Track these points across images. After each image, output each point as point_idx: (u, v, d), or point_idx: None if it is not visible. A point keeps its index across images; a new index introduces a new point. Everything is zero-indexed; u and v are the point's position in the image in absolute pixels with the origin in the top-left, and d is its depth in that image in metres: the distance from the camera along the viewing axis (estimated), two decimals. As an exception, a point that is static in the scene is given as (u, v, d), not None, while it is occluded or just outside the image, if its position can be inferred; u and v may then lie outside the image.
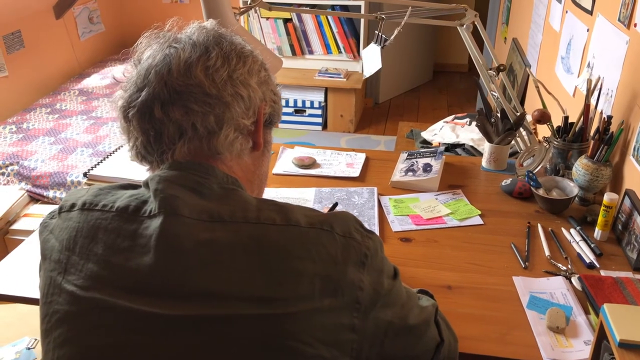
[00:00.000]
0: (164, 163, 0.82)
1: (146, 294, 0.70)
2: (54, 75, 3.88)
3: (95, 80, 3.84)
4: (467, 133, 2.53)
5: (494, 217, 1.48)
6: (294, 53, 4.18)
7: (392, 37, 1.33)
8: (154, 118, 0.79)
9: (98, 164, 1.71)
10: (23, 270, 1.32)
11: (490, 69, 1.54)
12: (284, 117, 4.16)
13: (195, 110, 0.78)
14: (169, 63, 0.80)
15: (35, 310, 1.82)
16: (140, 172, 1.62)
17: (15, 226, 2.45)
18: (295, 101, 4.10)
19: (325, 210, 1.29)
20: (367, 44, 4.28)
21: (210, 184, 0.79)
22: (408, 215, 1.48)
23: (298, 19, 4.09)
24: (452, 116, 2.73)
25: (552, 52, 2.34)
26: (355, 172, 1.69)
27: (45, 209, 2.56)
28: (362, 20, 4.07)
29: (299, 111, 4.13)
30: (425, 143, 2.64)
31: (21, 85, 3.56)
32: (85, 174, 1.67)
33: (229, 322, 0.68)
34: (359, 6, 3.99)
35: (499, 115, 1.68)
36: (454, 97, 4.84)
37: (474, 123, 2.62)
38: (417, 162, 1.70)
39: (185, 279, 0.70)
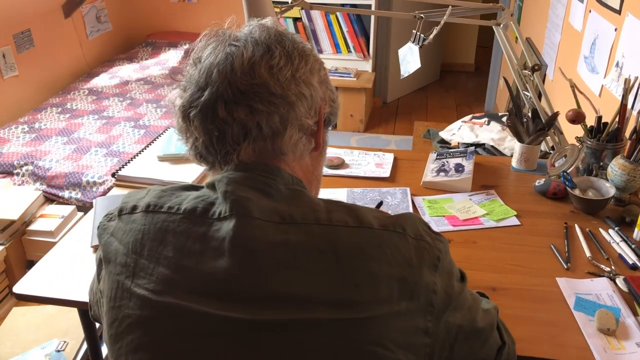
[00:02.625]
0: (228, 164, 0.80)
1: (223, 298, 0.69)
2: (63, 75, 3.85)
3: (104, 80, 3.81)
4: (487, 133, 2.52)
5: (529, 218, 1.47)
6: (303, 52, 4.16)
7: (432, 36, 1.31)
8: (217, 118, 0.78)
9: (125, 164, 1.69)
10: (55, 271, 1.30)
11: (525, 69, 1.53)
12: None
13: (260, 109, 0.77)
14: (231, 62, 0.78)
15: (62, 311, 1.80)
16: (167, 172, 1.62)
17: (32, 227, 2.43)
18: (305, 101, 4.08)
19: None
20: (376, 43, 4.27)
21: (277, 185, 0.78)
22: (444, 216, 1.47)
23: (307, 18, 4.08)
24: (470, 116, 2.72)
25: (573, 51, 2.33)
26: (386, 173, 1.68)
27: (60, 210, 2.54)
28: (372, 20, 4.06)
29: (308, 111, 4.11)
30: (443, 143, 2.64)
31: (31, 85, 3.53)
32: (113, 175, 1.66)
33: (309, 327, 0.67)
34: (369, 5, 3.98)
35: (529, 115, 1.67)
36: (462, 97, 4.83)
37: (492, 122, 2.62)
38: (447, 162, 1.69)
39: (262, 283, 0.69)
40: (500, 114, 2.67)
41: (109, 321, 0.75)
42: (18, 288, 1.25)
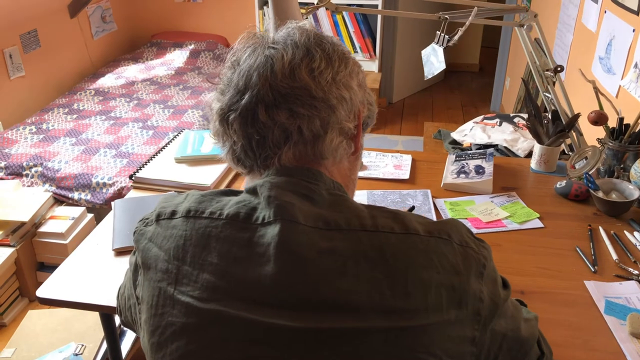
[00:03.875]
0: (268, 168, 0.79)
1: (270, 305, 0.68)
2: (69, 75, 3.84)
3: (109, 80, 3.80)
4: (499, 134, 2.51)
5: (552, 220, 1.46)
6: (309, 52, 4.14)
7: (456, 37, 1.30)
8: (258, 122, 0.76)
9: (142, 166, 1.68)
10: (76, 275, 1.29)
11: (547, 70, 1.52)
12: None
13: (301, 113, 0.75)
14: (272, 65, 0.77)
15: (78, 314, 1.79)
16: (185, 175, 1.60)
17: (42, 228, 2.41)
18: (311, 101, 4.06)
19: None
20: (383, 43, 4.26)
21: (320, 190, 0.77)
22: (467, 218, 1.46)
23: (314, 18, 4.06)
24: (481, 116, 2.71)
25: (586, 52, 2.33)
26: (405, 174, 1.67)
27: (71, 211, 2.53)
28: (379, 20, 4.05)
29: (314, 111, 4.10)
30: (455, 144, 2.63)
31: (37, 85, 3.51)
32: (131, 177, 1.64)
33: (359, 335, 0.66)
34: (376, 5, 3.97)
35: (549, 116, 1.66)
36: (467, 97, 4.82)
37: (504, 123, 2.61)
38: (467, 163, 1.68)
39: (311, 291, 0.67)
40: (511, 114, 2.67)
41: (151, 329, 0.74)
42: (41, 292, 1.24)
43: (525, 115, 2.65)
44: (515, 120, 2.62)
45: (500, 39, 4.28)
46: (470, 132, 2.58)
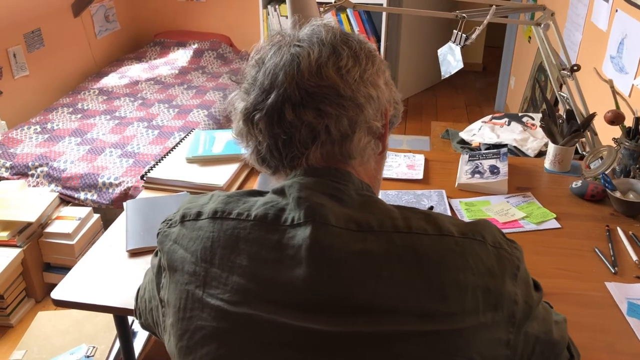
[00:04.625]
0: (295, 168, 0.78)
1: (303, 308, 0.66)
2: (73, 74, 3.82)
3: (113, 80, 3.78)
4: (508, 133, 2.50)
5: (569, 220, 1.45)
6: (313, 52, 4.13)
7: (474, 35, 1.29)
8: (284, 121, 0.75)
9: (153, 167, 1.66)
10: (90, 277, 1.27)
11: (564, 69, 1.51)
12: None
13: (329, 112, 0.74)
14: (298, 63, 0.75)
15: (89, 316, 1.78)
16: (197, 175, 1.59)
17: (49, 229, 2.40)
18: (316, 100, 4.05)
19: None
20: (387, 42, 4.25)
21: (349, 190, 0.75)
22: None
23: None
24: (490, 116, 2.70)
25: (596, 51, 2.31)
26: (419, 174, 1.65)
27: (77, 211, 2.51)
28: (384, 19, 4.04)
29: (318, 110, 4.08)
30: (464, 143, 2.61)
31: (41, 85, 3.50)
32: (142, 177, 1.63)
33: (395, 340, 0.65)
34: (381, 4, 3.95)
35: (563, 116, 1.65)
36: (471, 96, 4.81)
37: (513, 123, 2.60)
38: (481, 163, 1.66)
39: (345, 294, 0.66)
40: (520, 114, 2.65)
41: (179, 333, 0.72)
42: (56, 294, 1.22)
43: (534, 115, 2.64)
44: (524, 119, 2.61)
45: (505, 38, 4.27)
46: (479, 132, 2.56)
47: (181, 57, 4.18)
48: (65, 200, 2.65)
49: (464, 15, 1.30)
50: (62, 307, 1.22)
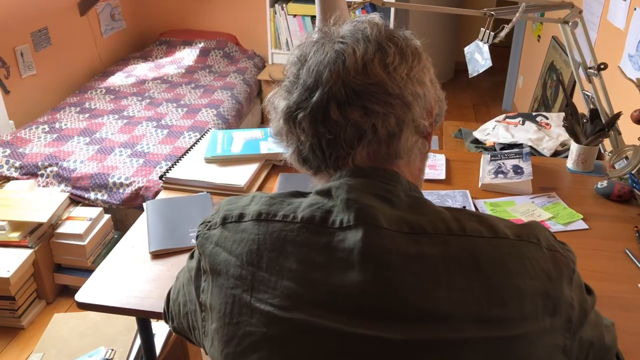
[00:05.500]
0: (339, 168, 0.76)
1: (358, 314, 0.64)
2: (79, 73, 3.79)
3: (120, 79, 3.75)
4: (523, 133, 2.48)
5: (596, 221, 1.43)
6: (321, 51, 4.10)
7: (502, 33, 1.27)
8: (329, 120, 0.73)
9: (171, 167, 1.64)
10: (113, 279, 1.25)
11: (590, 68, 1.49)
12: (310, 116, 4.09)
13: (375, 111, 0.72)
14: (343, 60, 0.73)
15: (106, 319, 1.75)
16: (216, 175, 1.56)
17: (60, 230, 2.37)
18: (323, 100, 4.02)
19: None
20: (395, 41, 4.22)
21: (398, 192, 0.73)
22: (509, 219, 1.42)
23: (325, 16, 4.03)
24: (503, 115, 2.68)
25: (613, 50, 2.29)
26: (441, 174, 1.63)
27: (88, 212, 2.49)
28: (392, 16, 4.02)
29: (326, 110, 4.06)
30: (477, 143, 2.59)
31: (48, 84, 3.47)
32: (161, 177, 1.60)
33: (454, 346, 0.62)
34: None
35: (587, 115, 1.63)
36: (478, 96, 4.79)
37: (527, 122, 2.58)
38: (504, 163, 1.64)
39: (402, 299, 0.64)
40: (534, 113, 2.63)
41: (225, 338, 0.70)
42: (80, 297, 1.20)
43: (548, 114, 2.62)
44: (538, 119, 2.59)
45: (513, 37, 4.25)
46: (493, 131, 2.54)
47: (187, 56, 4.16)
48: (75, 200, 2.62)
49: (492, 12, 1.28)
50: (85, 309, 1.20)
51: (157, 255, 1.32)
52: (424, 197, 0.76)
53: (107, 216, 2.53)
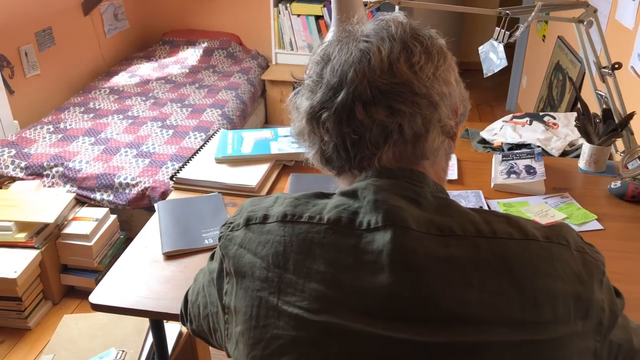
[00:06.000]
0: (365, 169, 0.75)
1: (388, 317, 0.63)
2: (82, 73, 3.78)
3: (123, 79, 3.74)
4: (530, 133, 2.47)
5: (611, 222, 1.42)
6: (324, 51, 4.10)
7: (517, 33, 1.26)
8: (355, 120, 0.72)
9: (182, 167, 1.63)
10: (127, 280, 1.24)
11: (604, 67, 1.48)
12: (314, 116, 4.08)
13: (402, 110, 0.71)
14: (368, 59, 0.72)
15: (116, 320, 1.74)
16: (227, 175, 1.56)
17: (66, 230, 2.36)
18: (327, 100, 4.01)
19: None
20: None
21: (425, 193, 0.72)
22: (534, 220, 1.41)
23: (329, 15, 4.02)
24: (510, 115, 2.67)
25: (622, 49, 2.29)
26: (453, 175, 1.62)
27: (94, 212, 2.48)
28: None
29: (330, 110, 4.05)
30: (485, 143, 2.59)
31: (52, 84, 3.46)
32: (171, 178, 1.60)
33: (487, 350, 0.61)
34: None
35: (600, 115, 1.62)
36: (481, 96, 4.79)
37: (534, 122, 2.57)
38: (516, 163, 1.64)
39: (433, 302, 0.63)
40: (541, 113, 2.63)
41: (251, 341, 0.69)
42: (94, 298, 1.19)
43: (555, 114, 2.61)
44: (545, 119, 2.58)
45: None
46: (501, 131, 2.54)
47: (191, 56, 4.15)
48: (80, 201, 2.61)
49: (507, 12, 1.27)
50: (100, 311, 1.19)
51: (170, 256, 1.31)
52: (450, 198, 0.75)
53: (113, 216, 2.52)
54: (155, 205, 1.48)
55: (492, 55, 1.36)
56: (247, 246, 0.74)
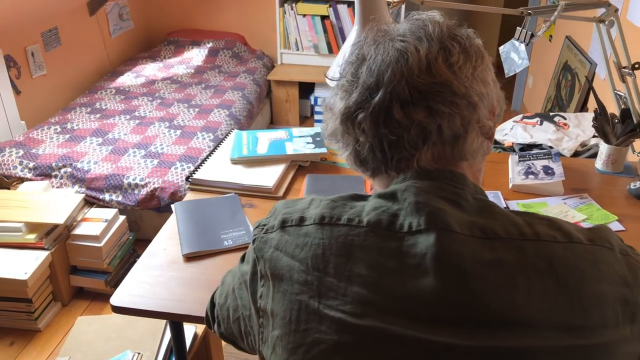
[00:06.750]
0: (402, 170, 0.74)
1: (435, 321, 0.62)
2: (88, 74, 3.77)
3: (129, 79, 3.73)
4: (541, 133, 2.46)
5: (632, 223, 1.41)
6: (330, 50, 4.09)
7: (540, 32, 1.25)
8: (392, 121, 0.71)
9: (197, 168, 1.62)
10: (147, 282, 1.23)
11: (624, 68, 1.47)
12: (320, 117, 4.08)
13: (441, 111, 0.70)
14: (406, 59, 0.71)
15: (130, 321, 1.73)
16: (243, 176, 1.55)
17: (75, 231, 2.35)
18: (333, 100, 4.00)
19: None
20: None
21: (466, 194, 0.71)
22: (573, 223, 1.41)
23: (335, 15, 4.01)
24: (520, 115, 2.66)
25: (634, 49, 2.28)
26: (470, 175, 1.61)
27: (103, 213, 2.46)
28: (402, 17, 4.00)
29: (335, 110, 4.04)
30: (495, 143, 2.57)
31: (58, 84, 3.45)
32: (187, 179, 1.59)
33: (536, 355, 0.61)
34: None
35: (618, 115, 1.61)
36: (486, 96, 4.77)
37: (545, 122, 2.56)
38: (533, 164, 1.63)
39: (479, 306, 0.62)
40: (551, 113, 2.62)
41: (290, 346, 0.68)
42: (115, 300, 1.18)
43: (566, 114, 2.60)
44: (556, 119, 2.57)
45: (523, 37, 4.23)
46: (511, 132, 2.52)
47: (196, 56, 4.14)
48: (89, 201, 2.60)
49: (529, 12, 1.26)
50: (120, 313, 1.18)
51: (189, 257, 1.30)
52: (489, 200, 0.74)
53: (122, 217, 2.51)
54: (172, 206, 1.47)
55: (514, 55, 1.35)
56: (283, 249, 0.73)
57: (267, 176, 1.57)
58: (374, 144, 0.73)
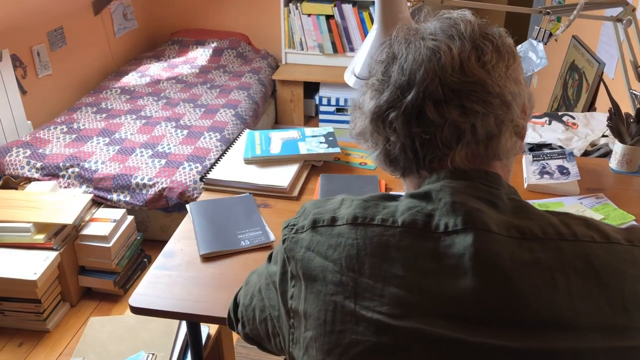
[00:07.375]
0: (435, 170, 0.73)
1: (474, 322, 0.62)
2: (93, 73, 3.76)
3: (134, 79, 3.72)
4: (551, 132, 2.46)
5: (649, 223, 1.41)
6: (335, 50, 4.09)
7: (559, 32, 1.25)
8: (425, 120, 0.70)
9: (211, 168, 1.61)
10: (164, 283, 1.22)
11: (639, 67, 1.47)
12: (324, 116, 4.07)
13: (475, 110, 0.69)
14: (438, 58, 0.71)
15: (143, 322, 1.72)
16: (257, 176, 1.54)
17: (84, 231, 2.34)
18: (338, 100, 4.01)
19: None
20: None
21: (501, 194, 0.71)
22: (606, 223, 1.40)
23: (340, 15, 4.00)
24: (529, 115, 2.66)
25: (644, 49, 2.27)
26: (485, 175, 1.61)
27: (111, 213, 2.45)
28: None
29: (340, 110, 4.04)
30: (504, 143, 2.57)
31: (64, 84, 3.44)
32: (201, 179, 1.58)
33: (579, 356, 0.60)
34: None
35: (633, 114, 1.61)
36: (491, 95, 4.77)
37: (553, 122, 2.56)
38: (547, 164, 1.62)
39: (520, 307, 0.61)
40: (560, 113, 2.61)
41: (325, 347, 0.67)
42: (134, 301, 1.17)
43: (574, 114, 2.60)
44: (564, 118, 2.57)
45: (527, 34, 4.23)
46: (520, 131, 2.52)
47: (200, 56, 4.13)
48: (96, 201, 2.59)
49: (548, 11, 1.26)
50: (139, 314, 1.17)
51: (206, 258, 1.29)
52: (524, 200, 0.73)
53: (130, 217, 2.50)
54: (187, 206, 1.46)
55: (532, 55, 1.34)
56: (315, 249, 0.72)
57: (282, 176, 1.57)
58: (406, 143, 0.73)
